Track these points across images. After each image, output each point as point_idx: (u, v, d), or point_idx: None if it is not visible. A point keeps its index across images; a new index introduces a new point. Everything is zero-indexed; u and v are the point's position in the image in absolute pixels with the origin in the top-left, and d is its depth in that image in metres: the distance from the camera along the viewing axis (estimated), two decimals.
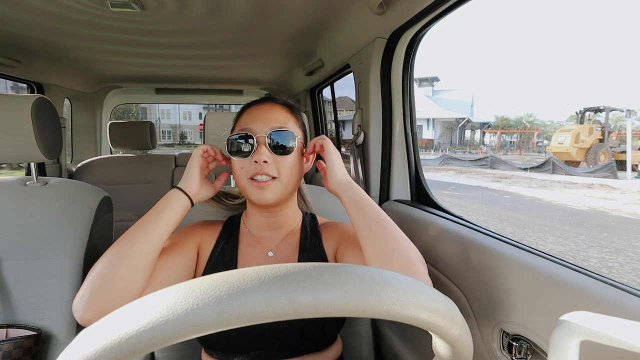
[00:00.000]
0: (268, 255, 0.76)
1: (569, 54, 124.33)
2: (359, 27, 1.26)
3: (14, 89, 5.37)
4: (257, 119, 0.72)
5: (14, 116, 0.92)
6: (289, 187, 0.73)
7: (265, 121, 0.71)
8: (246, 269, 0.28)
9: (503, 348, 0.68)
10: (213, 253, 0.76)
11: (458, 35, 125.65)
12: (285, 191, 0.72)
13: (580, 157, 14.50)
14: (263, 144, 0.69)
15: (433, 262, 0.91)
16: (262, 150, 0.69)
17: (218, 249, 0.76)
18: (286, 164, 0.71)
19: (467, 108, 35.15)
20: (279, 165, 0.70)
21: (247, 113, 0.76)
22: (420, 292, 0.30)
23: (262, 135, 0.70)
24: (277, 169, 0.70)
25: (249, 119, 0.74)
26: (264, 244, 0.77)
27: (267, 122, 0.71)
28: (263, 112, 0.74)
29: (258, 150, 0.69)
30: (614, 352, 0.31)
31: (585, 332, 0.29)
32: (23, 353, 0.86)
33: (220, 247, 0.76)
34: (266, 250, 0.76)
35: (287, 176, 0.71)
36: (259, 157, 0.68)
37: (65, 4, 1.19)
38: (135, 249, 0.61)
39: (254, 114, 0.74)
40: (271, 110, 0.74)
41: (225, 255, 0.75)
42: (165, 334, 0.25)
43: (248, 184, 0.70)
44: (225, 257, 0.75)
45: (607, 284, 0.55)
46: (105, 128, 2.67)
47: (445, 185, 10.46)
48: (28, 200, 1.00)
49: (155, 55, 1.89)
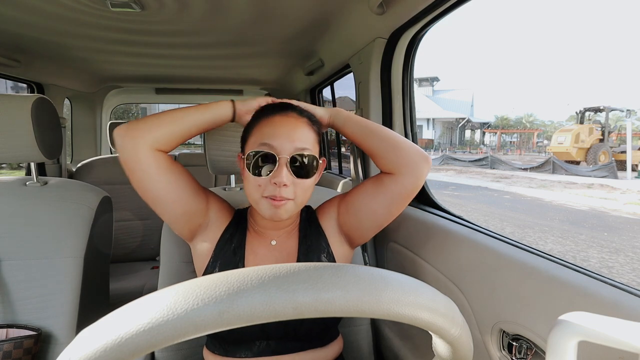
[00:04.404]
0: (272, 243, 0.79)
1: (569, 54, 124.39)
2: (359, 27, 1.26)
3: (14, 89, 5.37)
4: (280, 134, 0.68)
5: (14, 116, 0.92)
6: (301, 206, 0.73)
7: (289, 139, 0.68)
8: (246, 269, 0.29)
9: (503, 348, 0.68)
10: (222, 237, 0.78)
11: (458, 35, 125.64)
12: (297, 210, 0.73)
13: (580, 157, 14.50)
14: (284, 165, 0.67)
15: (433, 262, 0.91)
16: (283, 173, 0.66)
17: (227, 235, 0.78)
18: (304, 187, 0.70)
19: (467, 108, 35.13)
20: (297, 187, 0.69)
21: (269, 123, 0.71)
22: (420, 292, 0.30)
23: (284, 157, 0.67)
24: (295, 192, 0.69)
25: (271, 132, 0.69)
26: (268, 235, 0.80)
27: (291, 142, 0.68)
28: (287, 129, 0.69)
29: (279, 171, 0.66)
30: (613, 352, 0.31)
31: (583, 332, 0.29)
32: (23, 353, 0.86)
33: (230, 233, 0.79)
34: (270, 240, 0.79)
35: (302, 198, 0.71)
36: (279, 179, 0.66)
37: (65, 4, 1.19)
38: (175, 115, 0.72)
39: (277, 127, 0.69)
40: (295, 127, 0.70)
41: (234, 241, 0.78)
42: (165, 334, 0.25)
43: (262, 200, 0.69)
44: (235, 243, 0.78)
45: (607, 284, 0.55)
46: (105, 128, 2.67)
47: (445, 185, 10.46)
48: (28, 200, 1.00)
49: (155, 55, 1.89)
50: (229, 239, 0.78)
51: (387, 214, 0.76)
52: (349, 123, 0.78)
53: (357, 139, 0.77)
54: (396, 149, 0.73)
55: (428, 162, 0.73)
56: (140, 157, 0.68)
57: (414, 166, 0.72)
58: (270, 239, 0.79)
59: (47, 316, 0.94)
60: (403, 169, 0.72)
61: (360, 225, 0.78)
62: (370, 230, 0.78)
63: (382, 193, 0.74)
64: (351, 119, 0.78)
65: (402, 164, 0.72)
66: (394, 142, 0.73)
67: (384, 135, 0.75)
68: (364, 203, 0.76)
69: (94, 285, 1.08)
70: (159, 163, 0.69)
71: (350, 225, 0.79)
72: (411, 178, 0.72)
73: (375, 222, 0.77)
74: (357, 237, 0.80)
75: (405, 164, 0.72)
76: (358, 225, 0.78)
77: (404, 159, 0.72)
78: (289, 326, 0.72)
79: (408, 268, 1.03)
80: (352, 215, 0.78)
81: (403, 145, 0.73)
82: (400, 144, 0.73)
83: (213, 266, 0.76)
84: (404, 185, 0.72)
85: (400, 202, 0.74)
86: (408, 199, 0.75)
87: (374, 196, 0.75)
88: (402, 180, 0.72)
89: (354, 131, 0.77)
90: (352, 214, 0.78)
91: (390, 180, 0.73)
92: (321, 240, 0.79)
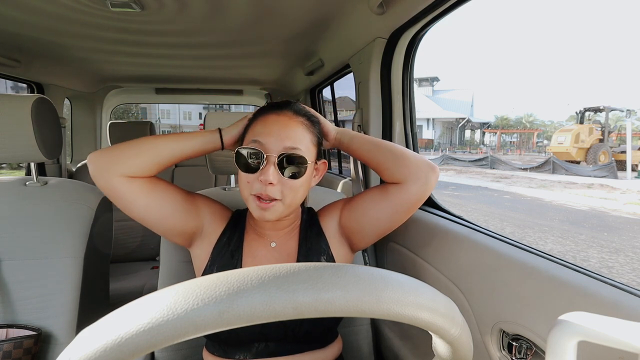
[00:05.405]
0: (271, 245, 0.78)
1: (569, 54, 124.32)
2: (359, 27, 1.26)
3: (14, 89, 5.37)
4: (271, 132, 0.68)
5: (14, 116, 0.92)
6: (292, 208, 0.72)
7: (278, 138, 0.67)
8: (246, 269, 0.29)
9: (503, 348, 0.68)
10: (220, 240, 0.78)
11: (458, 35, 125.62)
12: (287, 211, 0.72)
13: (580, 157, 14.51)
14: (272, 164, 0.66)
15: (433, 262, 0.91)
16: (269, 171, 0.66)
17: (225, 237, 0.78)
18: (292, 187, 0.69)
19: (467, 108, 35.14)
20: (284, 187, 0.68)
21: (263, 121, 0.71)
22: (420, 292, 0.30)
23: (272, 155, 0.66)
24: (282, 191, 0.68)
25: (262, 129, 0.69)
26: (267, 237, 0.79)
27: (281, 140, 0.67)
28: (278, 127, 0.69)
29: (266, 169, 0.66)
30: (613, 352, 0.31)
31: (583, 332, 0.29)
32: (23, 353, 0.86)
33: (227, 236, 0.78)
34: (269, 242, 0.78)
35: (291, 199, 0.70)
36: (265, 177, 0.66)
37: (65, 4, 1.19)
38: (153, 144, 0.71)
39: (269, 125, 0.69)
40: (287, 126, 0.69)
41: (231, 244, 0.77)
42: (165, 334, 0.25)
43: (251, 199, 0.69)
44: (232, 246, 0.77)
45: (607, 284, 0.55)
46: (105, 128, 2.67)
47: (445, 185, 10.46)
48: (28, 200, 1.00)
49: (155, 55, 1.89)
50: (226, 242, 0.77)
51: (390, 223, 0.76)
52: (355, 140, 0.79)
53: (363, 154, 0.78)
54: (402, 158, 0.73)
55: (435, 171, 0.73)
56: (113, 185, 0.68)
57: (421, 174, 0.72)
58: (270, 241, 0.78)
59: (47, 316, 0.94)
60: (410, 177, 0.72)
61: (361, 230, 0.78)
62: (371, 236, 0.78)
63: (388, 201, 0.74)
64: (357, 136, 0.79)
65: (408, 172, 0.72)
66: (399, 153, 0.74)
67: (390, 147, 0.76)
68: (368, 209, 0.76)
69: (94, 285, 1.08)
70: (133, 189, 0.69)
71: (352, 229, 0.79)
72: (418, 186, 0.72)
73: (376, 230, 0.77)
74: (357, 241, 0.80)
75: (413, 172, 0.72)
76: (359, 230, 0.78)
77: (410, 167, 0.72)
78: (288, 327, 0.71)
79: (408, 268, 1.03)
80: (354, 221, 0.78)
81: (408, 155, 0.74)
82: (405, 153, 0.74)
83: (210, 270, 0.76)
84: (410, 193, 0.72)
85: (404, 211, 0.74)
86: (412, 209, 0.75)
87: (378, 203, 0.75)
88: (408, 188, 0.72)
89: (359, 147, 0.78)
90: (355, 219, 0.78)
91: (397, 189, 0.73)
92: (321, 242, 0.79)
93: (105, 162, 0.68)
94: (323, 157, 0.78)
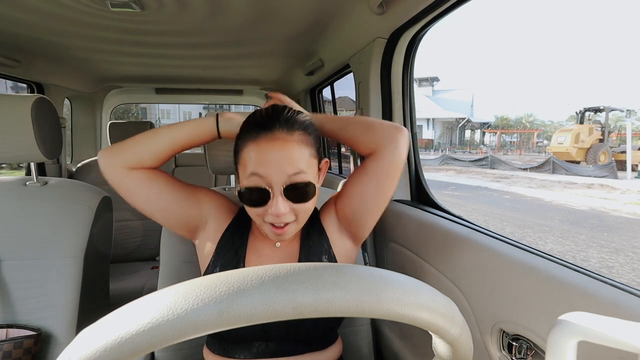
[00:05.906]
0: (276, 245, 0.79)
1: (569, 54, 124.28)
2: (359, 27, 1.26)
3: (14, 89, 5.37)
4: (269, 162, 0.64)
5: (14, 116, 0.92)
6: (305, 220, 0.73)
7: (279, 168, 0.64)
8: (246, 269, 0.29)
9: (503, 348, 0.68)
10: (224, 236, 0.78)
11: (458, 35, 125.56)
12: (302, 225, 0.73)
13: (580, 157, 14.51)
14: (279, 196, 0.65)
15: (433, 262, 0.91)
16: (278, 204, 0.65)
17: (228, 234, 0.79)
18: (304, 208, 0.69)
19: (467, 108, 35.14)
20: (296, 210, 0.68)
21: (256, 148, 0.65)
22: (420, 292, 0.30)
23: (278, 188, 0.65)
24: (295, 214, 0.69)
25: (259, 159, 0.65)
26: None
27: (282, 170, 0.64)
28: (276, 155, 0.64)
29: (274, 203, 0.65)
30: (613, 352, 0.31)
31: (583, 332, 0.29)
32: (23, 353, 0.86)
33: (231, 232, 0.79)
34: (274, 242, 0.79)
35: (304, 216, 0.71)
36: (275, 211, 0.65)
37: (65, 4, 1.19)
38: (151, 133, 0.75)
39: (265, 153, 0.65)
40: (283, 150, 0.64)
41: (235, 241, 0.78)
42: (165, 334, 0.25)
43: (265, 225, 0.70)
44: (236, 243, 0.78)
45: (606, 284, 0.55)
46: (105, 128, 2.67)
47: (445, 185, 10.46)
48: (28, 200, 1.00)
49: (155, 55, 1.89)
50: (230, 239, 0.78)
51: (378, 197, 0.75)
52: (326, 122, 0.81)
53: (336, 133, 0.80)
54: (370, 129, 0.76)
55: (402, 131, 0.74)
56: (117, 177, 0.73)
57: (389, 139, 0.73)
58: (275, 241, 0.79)
59: (47, 316, 0.94)
60: (380, 144, 0.73)
61: (355, 213, 0.77)
62: (367, 218, 0.77)
63: (368, 174, 0.75)
64: (327, 117, 0.82)
65: (377, 139, 0.74)
66: (367, 124, 0.77)
67: (358, 121, 0.79)
68: (355, 189, 0.77)
69: (94, 285, 1.08)
70: (134, 180, 0.73)
71: (348, 217, 0.79)
72: (390, 150, 0.73)
73: (369, 208, 0.76)
74: (357, 228, 0.79)
75: (381, 138, 0.74)
76: (354, 214, 0.78)
77: (378, 135, 0.74)
78: (289, 327, 0.72)
79: (408, 268, 1.03)
80: (348, 207, 0.78)
81: (375, 124, 0.77)
82: (373, 123, 0.77)
83: (214, 266, 0.76)
84: (385, 159, 0.73)
85: (387, 179, 0.74)
86: (394, 175, 0.75)
87: (361, 180, 0.75)
88: (381, 154, 0.73)
89: (331, 127, 0.80)
90: (348, 205, 0.78)
91: (373, 159, 0.74)
92: (323, 241, 0.79)
93: (109, 155, 0.73)
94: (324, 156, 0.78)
